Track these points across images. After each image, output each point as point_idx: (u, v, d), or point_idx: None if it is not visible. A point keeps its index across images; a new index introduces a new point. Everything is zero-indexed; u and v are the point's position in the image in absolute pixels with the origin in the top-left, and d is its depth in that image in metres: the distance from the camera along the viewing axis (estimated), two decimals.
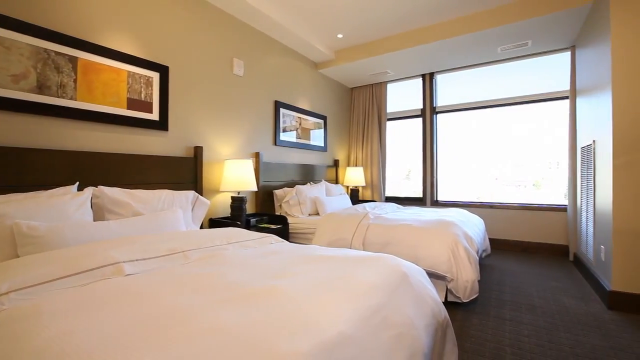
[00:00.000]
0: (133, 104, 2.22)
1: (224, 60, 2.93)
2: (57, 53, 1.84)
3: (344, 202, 3.86)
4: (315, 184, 3.88)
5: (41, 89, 1.78)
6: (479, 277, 2.21)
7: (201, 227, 2.55)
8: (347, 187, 4.80)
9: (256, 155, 3.26)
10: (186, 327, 0.78)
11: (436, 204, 4.48)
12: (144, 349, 0.69)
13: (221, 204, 2.89)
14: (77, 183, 1.85)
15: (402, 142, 4.95)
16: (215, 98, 2.84)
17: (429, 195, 4.52)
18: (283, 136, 3.67)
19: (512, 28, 3.12)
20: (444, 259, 2.21)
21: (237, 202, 2.65)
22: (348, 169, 4.61)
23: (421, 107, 4.60)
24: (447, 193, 4.52)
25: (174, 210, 2.08)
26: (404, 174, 4.99)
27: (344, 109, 5.02)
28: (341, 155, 4.95)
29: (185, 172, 2.52)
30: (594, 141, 2.66)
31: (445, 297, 2.23)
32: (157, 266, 1.30)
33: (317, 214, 3.45)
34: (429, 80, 4.51)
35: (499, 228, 3.98)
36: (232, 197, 2.67)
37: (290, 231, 3.13)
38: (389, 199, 4.86)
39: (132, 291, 1.00)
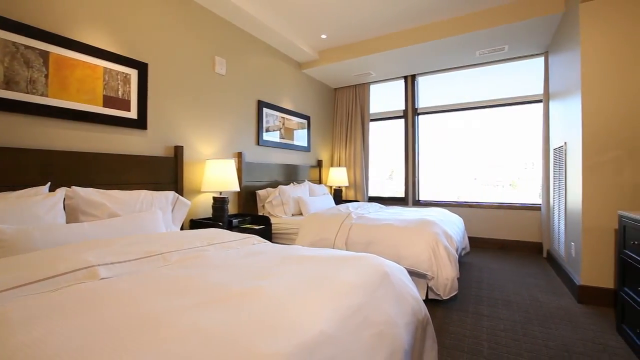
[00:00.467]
0: (110, 102, 2.14)
1: (205, 58, 2.88)
2: (26, 47, 1.75)
3: (327, 202, 3.87)
4: (299, 184, 3.87)
5: (9, 84, 1.69)
6: (458, 275, 2.26)
7: (182, 229, 2.50)
8: (331, 187, 4.82)
9: (239, 155, 3.22)
10: (163, 330, 0.76)
11: (418, 203, 4.57)
12: (119, 354, 0.67)
13: (202, 205, 2.84)
14: (49, 184, 1.76)
15: (385, 142, 5.02)
16: (196, 97, 2.79)
17: (410, 195, 4.60)
18: (266, 136, 3.65)
19: (489, 33, 3.23)
20: (425, 258, 2.26)
21: (219, 202, 2.61)
22: (331, 169, 4.62)
23: (403, 108, 4.68)
24: (428, 193, 4.62)
25: (153, 211, 2.03)
26: (387, 174, 5.06)
27: (327, 109, 5.03)
28: (325, 156, 4.96)
29: (165, 172, 2.46)
30: (566, 143, 2.79)
31: (426, 295, 2.28)
32: (134, 269, 1.26)
33: (301, 214, 3.45)
34: (410, 82, 4.59)
35: (478, 227, 4.10)
36: (214, 198, 2.63)
37: (273, 232, 3.11)
38: (372, 199, 4.92)
39: (106, 295, 0.97)
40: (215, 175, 2.64)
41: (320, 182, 4.74)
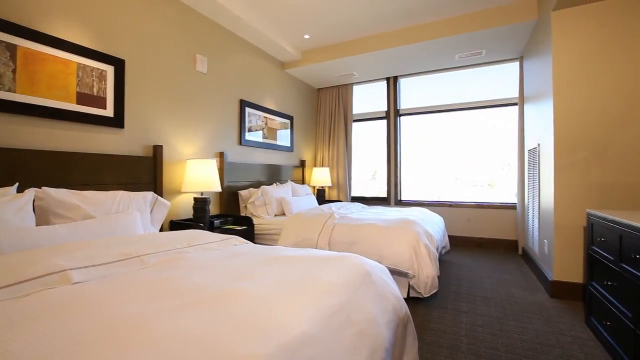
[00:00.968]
0: (84, 99, 2.06)
1: (186, 56, 2.81)
2: None
3: (310, 202, 3.87)
4: (282, 184, 3.85)
5: None
6: (438, 273, 2.32)
7: (161, 230, 2.43)
8: (314, 187, 4.82)
9: (220, 155, 3.17)
10: (140, 335, 0.74)
11: (400, 203, 4.64)
12: None
13: (183, 206, 2.78)
14: (17, 184, 1.67)
15: (369, 143, 5.07)
16: (176, 95, 2.72)
17: (393, 195, 4.67)
18: (249, 136, 3.61)
19: (468, 37, 3.32)
20: (406, 257, 2.30)
21: (200, 203, 2.56)
22: (314, 169, 4.63)
23: (386, 109, 4.75)
24: (410, 193, 4.70)
25: (130, 212, 1.96)
26: (370, 174, 5.12)
27: (310, 109, 5.03)
28: (308, 156, 4.96)
29: (143, 172, 2.39)
30: (539, 144, 2.91)
31: (408, 293, 2.31)
32: (110, 272, 1.22)
33: (283, 214, 3.43)
34: (393, 84, 4.66)
35: (458, 225, 4.21)
36: (195, 198, 2.58)
37: (255, 232, 3.08)
38: (356, 199, 4.96)
39: (79, 300, 0.93)
40: (196, 175, 2.59)
41: (303, 182, 4.74)
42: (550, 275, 2.51)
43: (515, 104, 3.93)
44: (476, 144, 4.34)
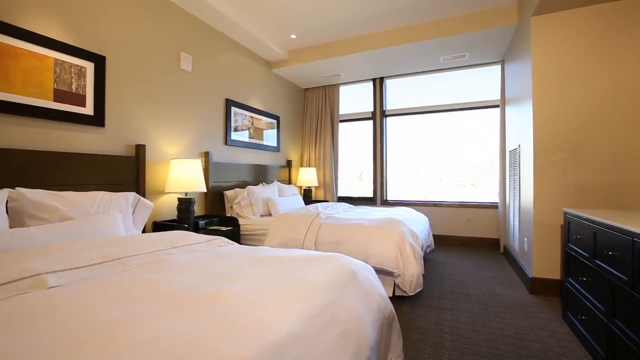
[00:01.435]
0: (62, 96, 1.99)
1: (170, 54, 2.76)
2: None
3: (297, 202, 3.86)
4: (268, 184, 3.83)
5: None
6: (423, 272, 2.35)
7: (144, 232, 2.38)
8: (300, 187, 4.81)
9: (205, 155, 3.12)
10: (119, 340, 0.72)
11: (386, 203, 4.69)
12: None
13: (167, 206, 2.72)
14: None
15: (356, 143, 5.10)
16: (160, 93, 2.66)
17: (379, 195, 4.71)
18: (234, 135, 3.57)
19: (452, 40, 3.39)
20: (391, 256, 2.32)
21: (185, 203, 2.52)
22: (301, 169, 4.62)
23: (372, 109, 4.79)
24: (396, 193, 4.76)
25: (111, 213, 1.91)
26: (357, 174, 5.15)
27: (297, 109, 5.02)
28: (294, 156, 4.95)
29: (125, 172, 2.32)
30: (519, 145, 3.00)
31: (393, 292, 2.34)
32: (89, 276, 1.18)
33: (270, 214, 3.41)
34: (379, 85, 4.70)
35: (442, 225, 4.29)
36: (179, 199, 2.53)
37: (241, 233, 3.05)
38: (342, 199, 4.98)
39: (55, 305, 0.90)
40: (180, 175, 2.54)
41: (289, 182, 4.72)
42: (529, 272, 2.59)
43: (497, 106, 4.03)
44: (460, 145, 4.44)
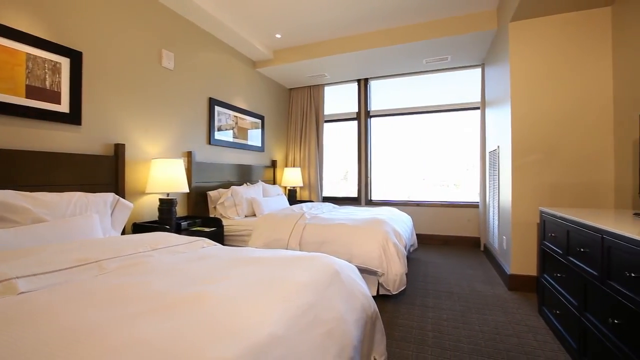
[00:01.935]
0: (34, 93, 1.91)
1: (151, 51, 2.69)
2: None
3: (281, 202, 3.85)
4: (252, 184, 3.80)
5: None
6: (406, 271, 2.39)
7: (123, 233, 2.31)
8: (285, 187, 4.79)
9: (188, 155, 3.06)
10: (94, 346, 0.70)
11: (370, 203, 4.73)
12: None
13: (148, 207, 2.65)
14: None
15: (340, 143, 5.12)
16: (140, 91, 2.59)
17: (363, 195, 4.75)
18: (218, 135, 3.52)
19: (434, 43, 3.46)
20: (375, 255, 2.34)
21: (166, 204, 2.46)
22: (286, 169, 4.61)
23: (356, 110, 4.82)
24: (380, 193, 4.81)
25: (88, 215, 1.85)
26: (342, 174, 5.18)
27: (282, 109, 5.00)
28: (279, 156, 4.93)
29: (103, 173, 2.25)
30: (498, 147, 3.09)
31: (377, 291, 2.37)
32: (63, 280, 1.13)
33: (254, 215, 3.38)
34: (363, 85, 4.74)
35: (425, 224, 4.37)
36: (161, 200, 2.47)
37: (225, 234, 3.01)
38: (327, 199, 4.99)
39: (26, 311, 0.86)
40: (162, 175, 2.48)
41: (274, 182, 4.69)
42: (508, 269, 2.67)
43: (478, 108, 4.15)
44: (442, 146, 4.53)
